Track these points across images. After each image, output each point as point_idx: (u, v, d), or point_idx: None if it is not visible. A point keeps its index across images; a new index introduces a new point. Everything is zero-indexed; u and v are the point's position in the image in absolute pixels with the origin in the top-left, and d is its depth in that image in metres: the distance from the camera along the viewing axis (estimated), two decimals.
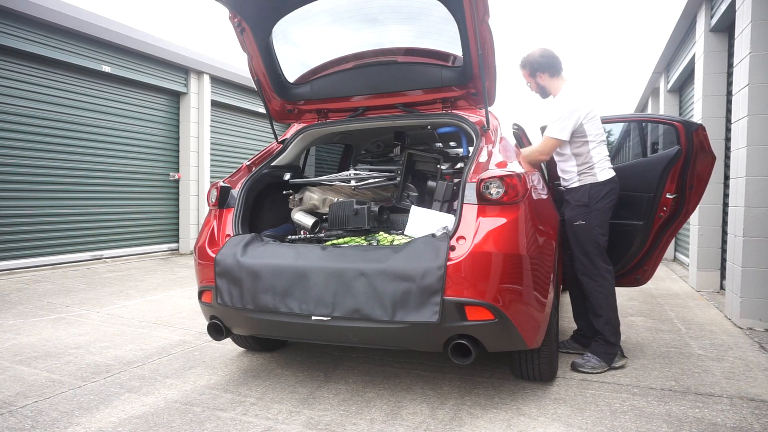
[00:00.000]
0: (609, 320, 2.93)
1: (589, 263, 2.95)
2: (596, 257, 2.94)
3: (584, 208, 2.95)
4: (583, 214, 2.94)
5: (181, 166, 8.82)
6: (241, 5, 2.78)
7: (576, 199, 2.98)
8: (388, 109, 3.12)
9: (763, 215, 3.90)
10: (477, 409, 2.41)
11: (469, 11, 2.49)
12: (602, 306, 2.93)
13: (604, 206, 2.94)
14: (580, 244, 2.97)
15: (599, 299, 2.94)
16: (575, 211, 2.98)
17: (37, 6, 6.20)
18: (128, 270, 6.78)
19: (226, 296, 2.46)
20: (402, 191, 3.11)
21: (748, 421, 2.30)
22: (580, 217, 2.95)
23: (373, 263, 2.25)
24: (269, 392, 2.62)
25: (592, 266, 2.95)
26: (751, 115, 3.94)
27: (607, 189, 2.95)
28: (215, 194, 2.84)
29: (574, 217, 2.98)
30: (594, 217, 2.93)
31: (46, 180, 6.69)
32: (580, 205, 2.95)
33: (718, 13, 5.14)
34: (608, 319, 2.93)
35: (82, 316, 4.20)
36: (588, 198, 2.94)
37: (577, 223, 2.96)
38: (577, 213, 2.96)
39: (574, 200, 2.99)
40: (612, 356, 2.95)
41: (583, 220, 2.94)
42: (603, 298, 2.94)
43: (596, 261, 2.94)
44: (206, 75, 8.96)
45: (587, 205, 2.94)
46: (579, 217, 2.95)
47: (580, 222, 2.94)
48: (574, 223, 2.97)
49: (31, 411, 2.37)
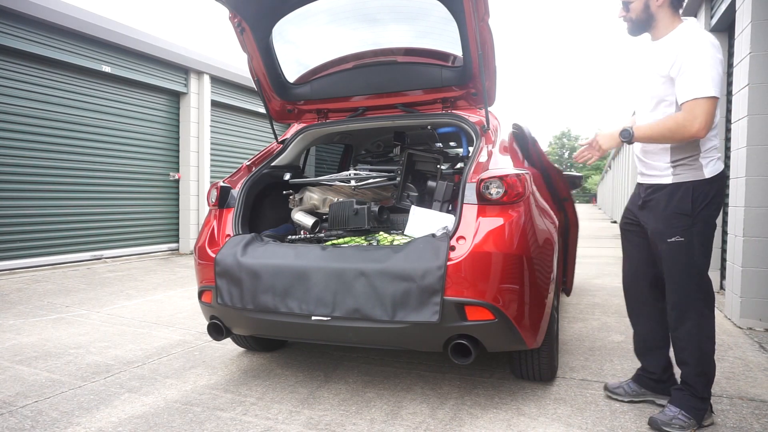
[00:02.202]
0: (704, 371, 2.18)
1: (685, 294, 2.16)
2: (696, 286, 2.14)
3: (684, 218, 2.12)
4: (681, 227, 2.11)
5: (181, 166, 8.82)
6: (241, 5, 2.78)
7: (671, 204, 2.14)
8: (388, 109, 3.12)
9: (763, 215, 3.90)
10: (477, 409, 2.41)
11: (469, 11, 2.49)
12: (696, 352, 2.17)
13: (711, 214, 2.13)
14: (672, 268, 2.15)
15: (693, 342, 2.17)
16: (669, 222, 2.14)
17: (37, 6, 6.20)
18: (128, 270, 6.78)
19: (226, 296, 2.46)
20: (402, 191, 3.11)
21: (748, 421, 2.30)
22: (677, 232, 2.12)
23: (373, 263, 2.25)
24: (269, 392, 2.62)
25: (687, 298, 2.15)
26: (751, 115, 3.94)
27: (716, 189, 2.14)
28: (215, 194, 2.84)
29: (666, 231, 2.14)
30: (698, 231, 2.11)
31: (46, 180, 6.69)
32: (679, 213, 2.12)
33: (718, 13, 5.14)
34: (704, 370, 2.17)
35: (82, 316, 4.20)
36: (691, 203, 2.10)
37: (673, 239, 2.13)
38: (672, 224, 2.13)
39: (668, 206, 2.15)
40: (702, 412, 2.19)
41: (681, 235, 2.11)
42: (698, 341, 2.17)
43: (694, 291, 2.15)
44: (206, 75, 8.96)
45: (689, 214, 2.11)
46: (675, 230, 2.12)
47: (678, 238, 2.12)
48: (667, 240, 2.14)
49: (31, 411, 2.37)
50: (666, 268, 2.20)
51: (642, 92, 2.29)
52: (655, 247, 2.23)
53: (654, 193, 2.21)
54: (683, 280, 2.15)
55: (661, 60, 2.12)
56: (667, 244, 2.15)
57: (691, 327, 2.17)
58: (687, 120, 1.99)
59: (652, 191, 2.23)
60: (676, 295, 2.18)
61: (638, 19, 2.18)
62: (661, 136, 2.09)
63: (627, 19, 2.20)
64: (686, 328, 2.18)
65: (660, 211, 2.18)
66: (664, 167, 2.18)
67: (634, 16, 2.18)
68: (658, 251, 2.23)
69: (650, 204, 2.23)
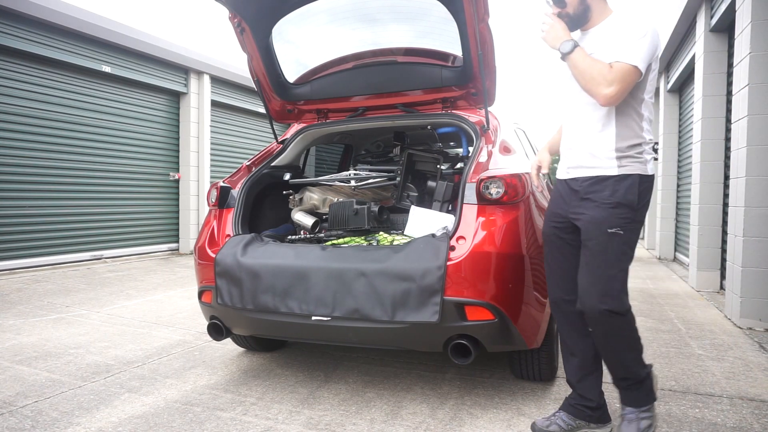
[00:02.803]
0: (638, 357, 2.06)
1: (618, 293, 1.96)
2: (625, 285, 2.00)
3: (628, 210, 1.95)
4: (623, 219, 1.94)
5: (181, 166, 8.82)
6: (241, 5, 2.78)
7: (617, 192, 1.95)
8: (388, 109, 3.12)
9: (763, 215, 3.90)
10: (477, 409, 2.41)
11: (469, 11, 2.49)
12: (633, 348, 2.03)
13: (644, 214, 2.04)
14: (608, 262, 1.95)
15: (630, 343, 2.01)
16: (613, 211, 1.95)
17: (37, 6, 6.20)
18: (128, 270, 6.78)
19: (226, 296, 2.46)
20: (402, 191, 3.11)
21: (748, 421, 2.30)
22: (618, 223, 1.94)
23: (373, 263, 2.25)
24: (269, 392, 2.62)
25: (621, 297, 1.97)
26: (751, 115, 3.94)
27: (651, 189, 2.05)
28: (215, 194, 2.84)
29: (607, 220, 1.95)
30: (634, 228, 1.98)
31: (46, 180, 6.68)
32: (624, 204, 1.95)
33: (718, 13, 5.14)
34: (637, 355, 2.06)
35: (82, 316, 4.20)
36: (638, 195, 1.96)
37: (613, 230, 1.94)
38: (615, 214, 1.94)
39: (614, 194, 1.96)
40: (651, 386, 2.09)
41: (621, 228, 1.94)
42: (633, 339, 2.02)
43: (625, 290, 1.99)
44: (206, 75, 8.96)
45: (633, 207, 1.95)
46: (617, 221, 1.94)
47: (618, 230, 1.94)
48: (607, 230, 1.95)
49: (31, 411, 2.37)
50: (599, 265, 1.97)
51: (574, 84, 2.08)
52: (588, 239, 1.99)
53: (596, 185, 2.00)
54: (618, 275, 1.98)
55: (604, 45, 1.98)
56: (606, 234, 1.94)
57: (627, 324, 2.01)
58: (606, 79, 1.88)
59: (593, 183, 2.01)
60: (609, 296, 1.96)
61: (575, 13, 2.07)
62: (583, 74, 1.94)
63: (564, 15, 2.07)
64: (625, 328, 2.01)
65: (604, 199, 1.97)
66: (609, 158, 1.98)
67: (572, 11, 2.06)
68: (588, 245, 1.99)
69: (591, 195, 2.00)
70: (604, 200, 1.97)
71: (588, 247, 2.00)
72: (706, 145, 5.52)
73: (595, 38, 2.04)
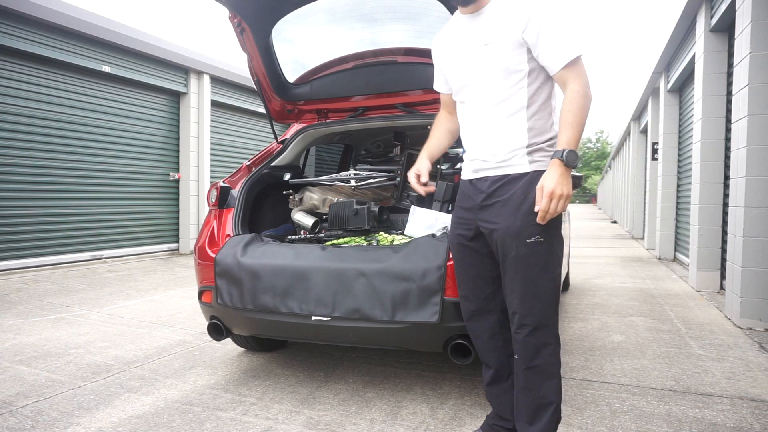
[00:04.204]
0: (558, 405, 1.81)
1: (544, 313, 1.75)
2: (553, 301, 1.78)
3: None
4: (541, 225, 1.71)
5: (181, 166, 8.82)
6: (241, 5, 2.78)
7: (529, 196, 1.72)
8: (388, 109, 3.13)
9: (763, 215, 3.90)
10: (477, 409, 2.41)
11: None
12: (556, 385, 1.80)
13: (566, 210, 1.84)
14: (534, 279, 1.73)
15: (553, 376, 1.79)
16: (528, 218, 1.71)
17: (37, 6, 6.20)
18: (128, 270, 6.78)
19: (226, 296, 2.46)
20: (402, 191, 3.11)
21: (748, 421, 2.30)
22: (536, 231, 1.71)
23: (372, 263, 2.25)
24: (269, 392, 2.63)
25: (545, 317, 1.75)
26: (751, 115, 3.94)
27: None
28: (215, 194, 2.84)
29: (524, 230, 1.71)
30: (556, 232, 1.77)
31: (46, 180, 6.69)
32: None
33: (718, 13, 5.14)
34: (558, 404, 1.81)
35: (82, 316, 4.20)
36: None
37: (533, 239, 1.71)
38: (532, 221, 1.71)
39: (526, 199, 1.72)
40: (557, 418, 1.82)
41: (541, 235, 1.72)
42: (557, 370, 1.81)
43: (552, 306, 1.78)
44: (206, 75, 8.96)
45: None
46: (535, 229, 1.71)
47: (538, 239, 1.72)
48: (526, 240, 1.71)
49: (31, 411, 2.37)
50: (519, 279, 1.74)
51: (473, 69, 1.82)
52: (506, 252, 1.76)
53: (506, 186, 1.76)
54: (541, 293, 1.74)
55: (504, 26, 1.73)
56: (526, 246, 1.71)
57: (549, 354, 1.77)
58: (582, 84, 1.68)
59: (502, 184, 1.77)
60: (534, 316, 1.74)
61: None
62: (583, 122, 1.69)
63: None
64: (544, 357, 1.77)
65: (516, 206, 1.72)
66: (518, 154, 1.75)
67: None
68: (507, 258, 1.76)
69: (501, 200, 1.76)
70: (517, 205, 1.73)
71: (507, 261, 1.77)
72: (706, 145, 5.52)
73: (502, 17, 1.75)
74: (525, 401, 1.81)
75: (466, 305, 2.00)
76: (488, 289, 1.93)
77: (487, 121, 1.81)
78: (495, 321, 1.95)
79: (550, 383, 1.79)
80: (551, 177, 1.64)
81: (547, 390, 1.78)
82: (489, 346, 1.97)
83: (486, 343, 1.97)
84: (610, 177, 26.05)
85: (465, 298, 1.99)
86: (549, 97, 1.80)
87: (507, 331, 1.91)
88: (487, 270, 1.91)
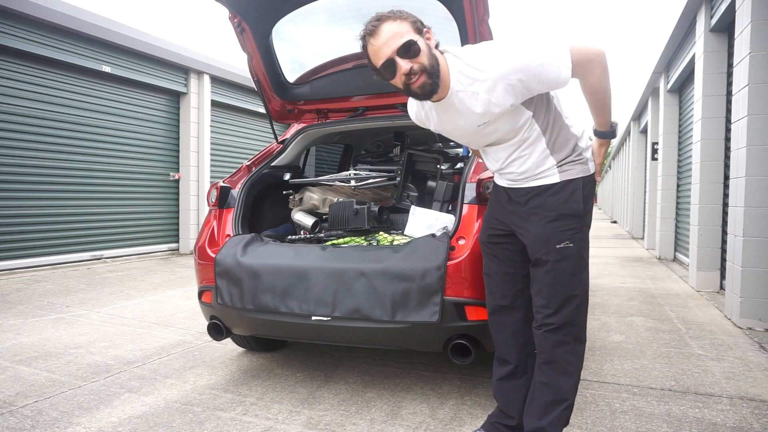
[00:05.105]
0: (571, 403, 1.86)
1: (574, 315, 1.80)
2: (582, 305, 1.83)
3: (574, 220, 1.79)
4: (571, 231, 1.78)
5: (181, 166, 8.82)
6: (241, 5, 2.78)
7: (558, 204, 1.78)
8: (388, 109, 3.12)
9: (763, 215, 3.90)
10: (477, 409, 2.41)
11: (468, 11, 2.49)
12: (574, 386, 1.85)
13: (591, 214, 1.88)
14: (563, 282, 1.78)
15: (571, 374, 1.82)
16: (558, 225, 1.78)
17: (37, 6, 6.20)
18: (128, 270, 6.78)
19: (226, 296, 2.46)
20: (402, 191, 3.11)
21: (748, 421, 2.30)
22: (566, 236, 1.77)
23: (372, 263, 2.25)
24: (269, 392, 2.63)
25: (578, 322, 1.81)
26: (751, 115, 3.94)
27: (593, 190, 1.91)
28: (215, 194, 2.84)
29: (554, 236, 1.77)
30: (584, 236, 1.83)
31: (46, 180, 6.69)
32: (569, 215, 1.78)
33: (718, 13, 5.14)
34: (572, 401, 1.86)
35: (82, 316, 4.20)
36: (582, 201, 1.80)
37: (562, 245, 1.77)
38: (562, 228, 1.77)
39: (556, 207, 1.78)
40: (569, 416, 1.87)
41: (570, 240, 1.77)
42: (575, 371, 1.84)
43: (581, 312, 1.83)
44: (206, 75, 8.96)
45: (579, 215, 1.80)
46: (564, 235, 1.77)
47: (567, 244, 1.77)
48: (556, 246, 1.77)
49: (31, 411, 2.37)
50: (548, 282, 1.79)
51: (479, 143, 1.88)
52: (536, 256, 1.82)
53: (538, 196, 1.81)
54: (568, 296, 1.78)
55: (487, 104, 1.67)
56: (555, 251, 1.76)
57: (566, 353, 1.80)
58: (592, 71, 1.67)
59: (535, 194, 1.81)
60: (558, 317, 1.78)
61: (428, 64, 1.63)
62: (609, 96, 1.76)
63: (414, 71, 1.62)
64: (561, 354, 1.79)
65: (547, 213, 1.78)
66: (549, 172, 1.80)
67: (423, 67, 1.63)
68: (537, 262, 1.81)
69: (533, 207, 1.82)
70: (548, 213, 1.78)
71: (537, 265, 1.83)
72: (706, 145, 5.52)
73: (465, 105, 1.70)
74: (541, 395, 1.85)
75: (491, 300, 2.03)
76: (517, 286, 1.97)
77: (510, 158, 1.85)
78: (520, 317, 1.99)
79: (566, 380, 1.82)
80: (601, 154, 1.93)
81: (562, 386, 1.82)
82: (511, 342, 2.00)
83: (509, 338, 2.00)
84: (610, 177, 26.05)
85: (491, 294, 2.03)
86: (558, 114, 1.82)
87: (530, 329, 1.94)
88: (517, 267, 1.96)
